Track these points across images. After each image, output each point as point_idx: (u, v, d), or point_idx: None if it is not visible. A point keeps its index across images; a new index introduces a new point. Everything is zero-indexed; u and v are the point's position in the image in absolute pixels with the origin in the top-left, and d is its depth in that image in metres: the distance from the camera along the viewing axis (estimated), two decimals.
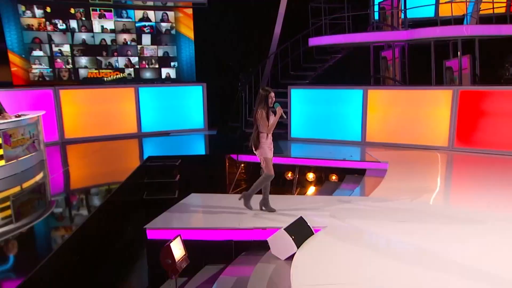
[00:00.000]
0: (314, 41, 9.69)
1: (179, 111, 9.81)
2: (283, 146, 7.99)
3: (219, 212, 4.46)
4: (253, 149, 4.36)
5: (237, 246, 3.97)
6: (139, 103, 9.31)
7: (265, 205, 4.42)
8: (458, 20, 8.58)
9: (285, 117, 4.30)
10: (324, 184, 6.87)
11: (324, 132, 8.37)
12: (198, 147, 8.79)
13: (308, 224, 3.81)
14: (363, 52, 10.04)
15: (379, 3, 9.90)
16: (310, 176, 7.21)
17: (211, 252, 3.96)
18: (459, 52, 8.11)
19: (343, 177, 6.73)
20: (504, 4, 8.42)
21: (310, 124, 8.52)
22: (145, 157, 7.07)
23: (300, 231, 3.69)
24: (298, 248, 3.51)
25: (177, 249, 3.40)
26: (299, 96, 8.59)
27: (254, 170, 7.72)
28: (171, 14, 10.11)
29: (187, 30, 10.29)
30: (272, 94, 4.19)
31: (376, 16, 10.07)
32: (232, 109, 9.94)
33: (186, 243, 3.59)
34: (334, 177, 7.04)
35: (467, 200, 4.81)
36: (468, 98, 7.02)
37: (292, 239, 3.53)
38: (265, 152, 4.27)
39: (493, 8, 8.15)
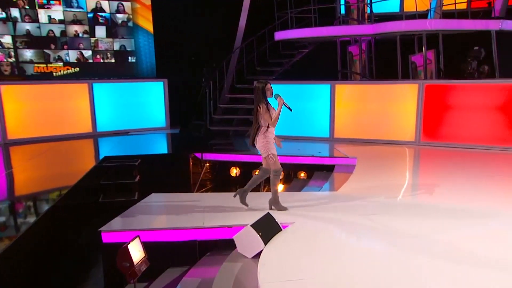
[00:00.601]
0: (280, 35, 9.79)
1: (138, 109, 9.55)
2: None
3: (182, 211, 4.38)
4: (254, 146, 4.26)
5: (202, 246, 3.91)
6: (93, 100, 8.96)
7: (274, 204, 4.30)
8: (422, 16, 9.01)
9: (289, 107, 4.14)
10: (292, 181, 6.93)
11: (292, 129, 8.45)
12: (160, 146, 8.60)
13: (276, 220, 3.82)
14: (330, 47, 10.28)
15: None
16: None
17: (173, 254, 3.87)
18: (424, 47, 8.52)
19: (312, 174, 6.82)
20: (465, 1, 8.94)
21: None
22: (101, 157, 6.80)
23: (268, 228, 3.69)
24: (265, 245, 3.50)
25: (136, 251, 3.28)
26: None
27: (220, 169, 7.73)
28: (127, 4, 9.82)
29: (146, 22, 10.05)
30: (269, 85, 4.08)
31: (343, 11, 10.35)
32: (196, 106, 9.83)
33: (147, 246, 3.48)
34: (302, 174, 7.11)
35: (434, 193, 5.03)
36: (433, 92, 7.37)
37: (259, 236, 3.52)
38: (271, 148, 4.20)
39: (455, 3, 8.63)
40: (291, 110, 4.18)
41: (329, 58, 10.29)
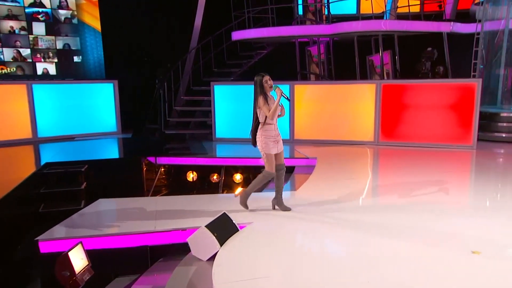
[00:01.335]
0: (237, 35, 9.86)
1: (85, 113, 9.16)
2: (207, 148, 7.94)
3: (132, 216, 4.22)
4: (255, 146, 4.19)
5: (153, 252, 3.78)
6: (33, 103, 8.48)
7: (278, 204, 4.26)
8: (378, 18, 9.47)
9: (286, 97, 3.96)
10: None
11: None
12: (110, 151, 8.28)
13: (233, 220, 3.79)
14: (289, 48, 10.51)
15: None
16: (237, 177, 7.23)
17: (122, 262, 3.72)
18: (380, 48, 8.93)
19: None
20: (418, 3, 9.53)
21: (236, 123, 8.58)
22: (41, 164, 6.42)
23: (224, 228, 3.64)
24: (221, 246, 3.45)
25: (78, 259, 3.11)
26: (223, 93, 8.62)
27: (176, 174, 7.58)
28: (71, 0, 9.44)
29: (92, 19, 9.71)
30: (267, 77, 3.98)
31: (301, 11, 10.63)
32: (150, 109, 9.61)
33: (92, 254, 3.32)
34: None
35: (391, 191, 5.23)
36: (390, 92, 7.72)
37: (215, 236, 3.46)
38: (266, 147, 4.06)
39: (409, 6, 9.16)
40: (289, 100, 4.05)
41: (288, 60, 10.51)
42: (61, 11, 9.38)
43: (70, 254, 3.04)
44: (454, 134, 7.46)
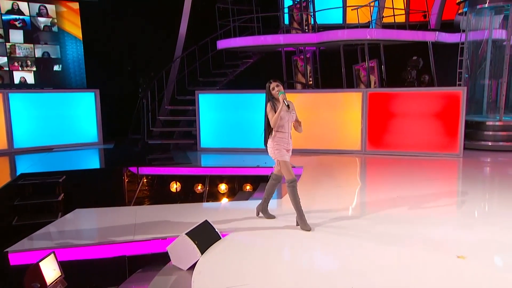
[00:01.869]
0: (222, 44, 9.94)
1: (65, 123, 9.04)
2: (192, 158, 7.91)
3: (110, 225, 4.15)
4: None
5: (132, 262, 3.71)
6: (9, 113, 8.33)
7: (263, 211, 4.27)
8: (364, 27, 9.67)
9: (286, 104, 3.83)
10: (237, 194, 6.91)
11: (237, 141, 8.49)
12: (90, 162, 8.16)
13: (215, 228, 3.75)
14: (275, 58, 10.62)
15: (289, 7, 10.66)
16: (222, 187, 7.19)
17: (99, 273, 3.63)
18: (366, 57, 9.10)
19: (258, 186, 6.84)
20: (403, 13, 9.78)
21: (221, 133, 8.59)
22: (17, 175, 6.28)
23: (205, 236, 3.61)
24: (202, 254, 3.41)
25: (50, 270, 3.02)
26: (208, 102, 8.63)
27: (158, 185, 7.50)
28: (51, 7, 9.38)
29: (73, 27, 9.66)
30: (274, 84, 3.95)
31: (287, 21, 10.80)
32: (133, 119, 9.55)
33: (66, 265, 3.23)
34: (248, 187, 7.14)
35: (377, 200, 5.28)
36: (376, 101, 7.84)
37: (196, 244, 3.42)
38: (279, 154, 3.99)
39: (394, 15, 9.39)
40: (288, 106, 3.85)
41: (274, 69, 10.60)
42: (41, 19, 9.31)
43: (41, 264, 2.96)
44: (440, 143, 7.59)
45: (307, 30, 10.00)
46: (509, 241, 3.68)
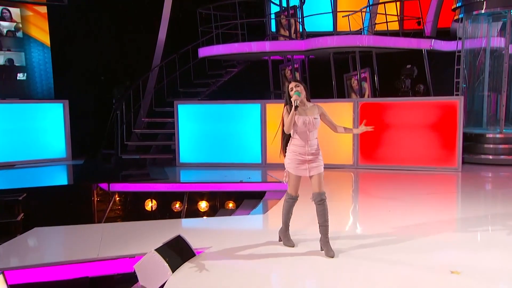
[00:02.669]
0: (204, 52, 10.03)
1: (30, 137, 8.96)
2: (170, 173, 7.89)
3: (72, 244, 4.09)
4: None
5: (95, 284, 3.63)
6: None
7: (324, 246, 3.79)
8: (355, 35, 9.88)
9: (295, 105, 3.66)
10: (219, 212, 6.88)
11: (219, 155, 8.50)
12: (55, 178, 8.06)
13: (190, 244, 3.71)
14: (261, 67, 10.74)
15: (275, 13, 10.86)
16: (203, 205, 7.17)
17: None
18: (357, 65, 9.27)
19: (241, 203, 6.83)
20: (396, 19, 10.03)
21: (202, 147, 8.60)
22: None
23: (178, 253, 3.56)
24: (173, 272, 3.35)
25: None
26: (188, 114, 8.67)
27: (132, 202, 7.45)
28: (15, 11, 9.35)
29: (40, 33, 9.63)
30: (292, 85, 3.77)
31: (273, 28, 10.99)
32: (106, 133, 9.50)
33: None
34: (231, 204, 7.13)
35: (369, 217, 5.32)
36: (369, 111, 7.95)
37: (166, 261, 3.37)
38: (289, 165, 3.81)
39: (387, 22, 9.64)
40: (296, 107, 3.67)
41: (261, 79, 10.71)
42: (3, 23, 9.27)
43: None
44: (437, 156, 7.69)
45: (295, 38, 10.17)
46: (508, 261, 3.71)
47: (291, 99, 3.71)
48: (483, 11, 8.55)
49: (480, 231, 4.48)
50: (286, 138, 3.87)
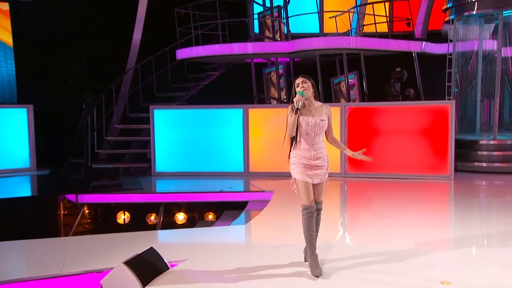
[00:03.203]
0: (183, 53, 10.02)
1: None
2: (145, 183, 7.81)
3: (31, 260, 3.98)
4: None
5: None
6: None
7: (309, 258, 3.66)
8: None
9: (296, 107, 3.45)
10: (197, 224, 6.84)
11: (199, 164, 8.46)
12: (17, 190, 7.89)
13: (162, 257, 3.65)
14: (243, 70, 10.78)
15: (259, 13, 10.94)
16: (180, 217, 7.12)
17: None
18: (345, 68, 9.38)
19: (221, 214, 6.80)
20: (385, 20, 10.22)
21: (180, 154, 8.54)
22: None
23: (149, 266, 3.50)
24: (144, 286, 3.28)
25: None
26: (165, 120, 8.61)
27: (103, 215, 7.38)
28: None
29: (2, 32, 9.48)
30: (299, 80, 3.57)
31: (257, 29, 11.06)
32: (75, 141, 9.36)
33: None
34: (211, 216, 7.09)
35: (357, 227, 5.35)
36: (357, 116, 8.02)
37: (136, 275, 3.30)
38: (294, 170, 3.62)
39: (375, 23, 9.80)
40: (296, 110, 3.46)
41: (243, 83, 10.74)
42: None
43: None
44: (428, 163, 7.78)
45: (279, 39, 10.25)
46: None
47: (293, 99, 3.52)
48: (474, 12, 8.77)
49: (474, 244, 4.53)
50: (293, 141, 3.67)
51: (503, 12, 8.58)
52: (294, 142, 3.65)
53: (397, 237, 4.63)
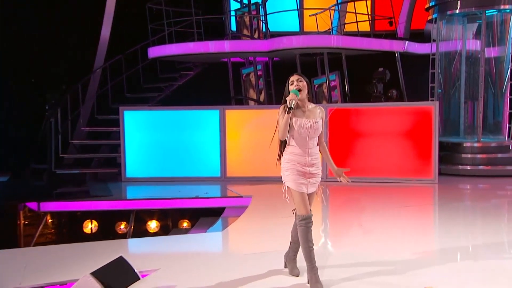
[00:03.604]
0: (155, 52, 9.95)
1: None
2: (114, 190, 7.70)
3: None
4: None
5: None
6: None
7: (288, 260, 3.73)
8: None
9: (289, 106, 3.35)
10: (171, 232, 6.80)
11: (173, 169, 8.38)
12: None
13: (132, 266, 3.58)
14: (220, 70, 10.75)
15: (236, 10, 10.95)
16: (152, 225, 7.05)
17: None
18: (326, 68, 9.46)
19: (196, 221, 6.75)
20: (367, 19, 10.36)
21: (152, 159, 8.45)
22: None
23: (118, 276, 3.45)
24: None
25: None
26: (136, 122, 8.50)
27: (68, 224, 7.29)
28: None
29: None
30: (294, 78, 3.48)
31: (234, 27, 11.05)
32: (37, 144, 9.17)
33: None
34: (185, 224, 7.07)
35: (338, 232, 5.40)
36: (338, 118, 8.08)
37: (104, 287, 3.22)
38: (287, 177, 3.50)
39: (357, 21, 9.93)
40: (289, 109, 3.34)
41: (220, 83, 10.71)
42: None
43: None
44: (411, 167, 7.88)
45: (257, 38, 10.27)
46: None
47: (286, 98, 3.41)
48: (457, 11, 8.97)
49: (459, 249, 4.60)
50: (283, 144, 3.57)
51: (486, 12, 8.82)
52: (286, 146, 3.53)
53: (379, 243, 4.67)
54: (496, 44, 9.25)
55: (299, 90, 3.43)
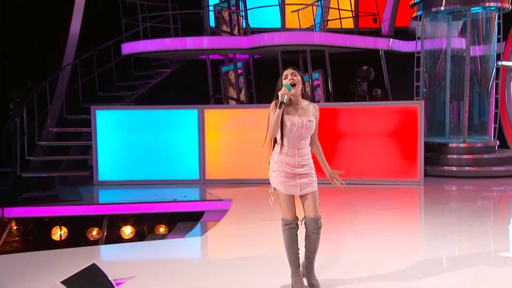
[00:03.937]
0: (129, 48, 9.88)
1: None
2: (85, 194, 7.60)
3: None
4: None
5: None
6: None
7: (306, 274, 3.54)
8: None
9: (281, 101, 3.26)
10: (146, 238, 6.77)
11: (148, 171, 8.33)
12: None
13: (106, 274, 3.50)
14: (198, 68, 10.73)
15: (214, 5, 10.94)
16: (127, 231, 7.02)
17: None
18: (308, 66, 9.51)
19: (174, 226, 6.73)
20: (351, 15, 10.47)
21: (127, 161, 8.37)
22: None
23: (91, 284, 3.35)
24: None
25: None
26: (109, 122, 8.42)
27: (35, 230, 7.22)
28: None
29: None
30: (288, 72, 3.40)
31: (212, 23, 11.04)
32: (1, 146, 9.02)
33: None
34: (162, 229, 7.04)
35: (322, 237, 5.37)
36: (321, 117, 8.05)
37: None
38: (275, 180, 3.43)
39: (340, 18, 10.02)
40: (281, 103, 3.25)
41: (198, 81, 10.71)
42: None
43: None
44: (396, 168, 7.97)
45: (237, 34, 10.28)
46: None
47: (279, 93, 3.31)
48: (442, 8, 9.12)
49: (445, 252, 4.65)
50: (270, 142, 3.51)
51: (471, 9, 9.01)
52: (276, 145, 3.48)
53: (364, 247, 4.72)
54: (482, 42, 9.44)
55: (293, 85, 3.35)
